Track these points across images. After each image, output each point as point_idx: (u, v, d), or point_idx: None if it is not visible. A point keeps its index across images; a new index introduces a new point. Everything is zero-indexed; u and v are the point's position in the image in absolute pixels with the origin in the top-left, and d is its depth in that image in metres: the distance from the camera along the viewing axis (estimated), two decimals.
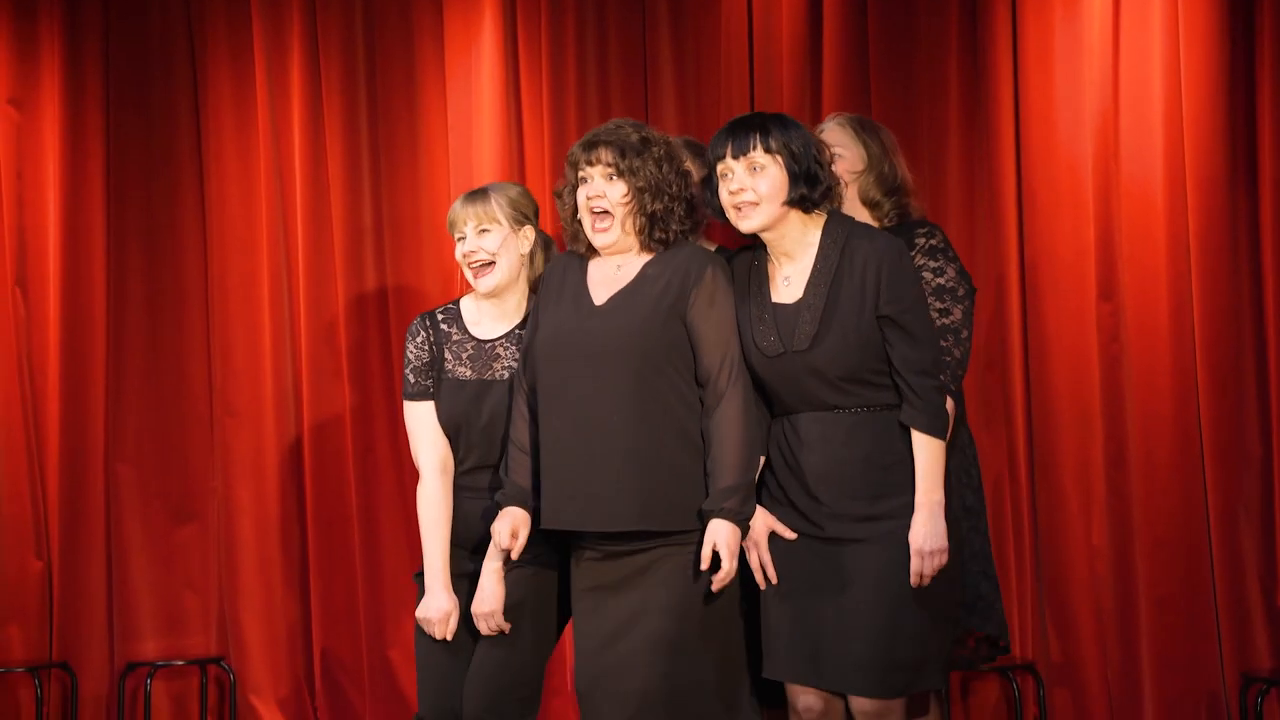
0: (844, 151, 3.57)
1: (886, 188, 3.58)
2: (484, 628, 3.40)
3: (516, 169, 5.03)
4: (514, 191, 3.58)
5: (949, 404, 3.35)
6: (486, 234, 3.51)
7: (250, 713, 5.06)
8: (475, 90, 5.08)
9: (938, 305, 3.42)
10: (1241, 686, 4.42)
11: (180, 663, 5.04)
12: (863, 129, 3.63)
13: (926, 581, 3.16)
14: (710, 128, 4.94)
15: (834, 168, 3.39)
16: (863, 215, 3.58)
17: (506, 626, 3.40)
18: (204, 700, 5.10)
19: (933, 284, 3.43)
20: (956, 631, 3.33)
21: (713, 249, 3.58)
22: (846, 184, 3.55)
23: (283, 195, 5.17)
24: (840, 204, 3.37)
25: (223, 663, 5.10)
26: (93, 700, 5.09)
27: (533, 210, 3.57)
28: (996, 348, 4.76)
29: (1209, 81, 4.54)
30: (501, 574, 3.40)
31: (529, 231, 3.55)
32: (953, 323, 3.42)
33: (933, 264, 3.45)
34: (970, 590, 3.53)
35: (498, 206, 3.52)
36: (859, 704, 3.20)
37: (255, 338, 5.17)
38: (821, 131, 3.67)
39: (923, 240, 3.48)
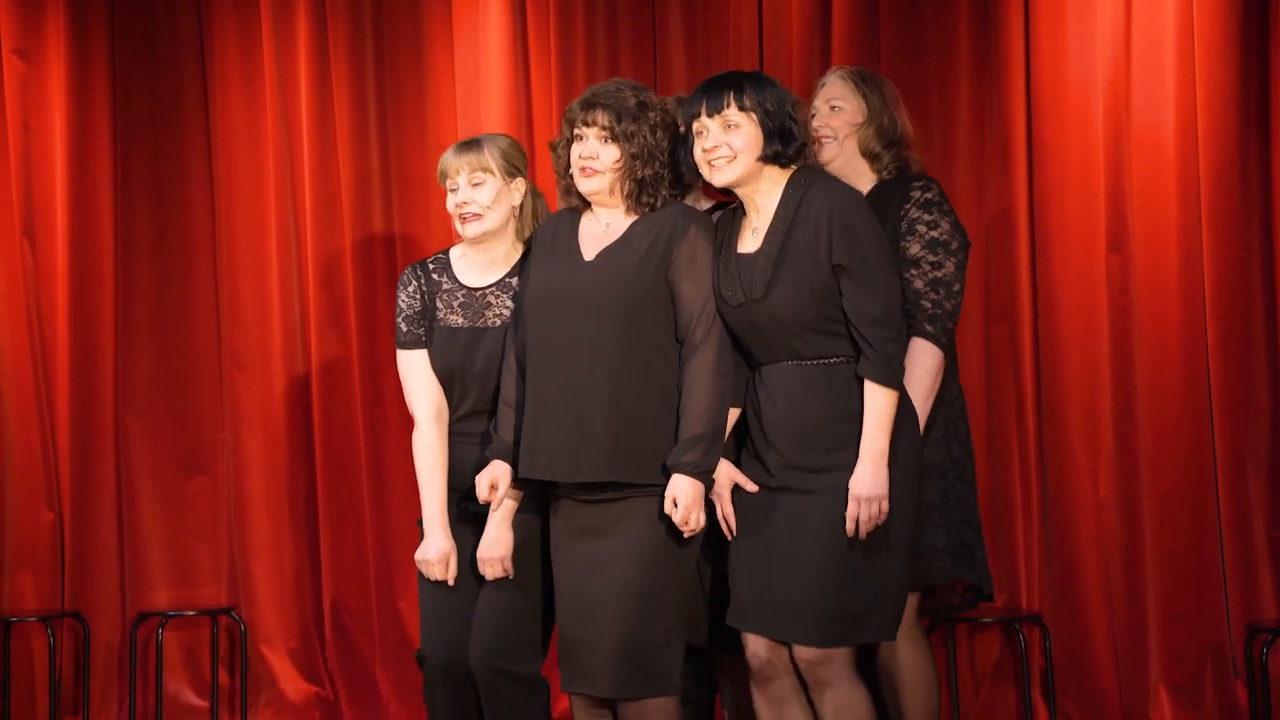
0: (844, 104, 3.59)
1: (886, 140, 3.59)
2: (489, 573, 3.45)
3: (524, 121, 5.02)
4: (505, 142, 3.60)
5: (938, 355, 3.39)
6: (480, 186, 3.53)
7: (261, 662, 5.10)
8: (483, 41, 5.06)
9: (930, 258, 3.44)
10: (1247, 637, 4.43)
11: (191, 613, 5.08)
12: (864, 82, 3.64)
13: (866, 528, 3.19)
14: (720, 69, 4.93)
15: (833, 120, 3.43)
16: (863, 167, 3.60)
17: (511, 571, 3.45)
18: (215, 650, 5.14)
19: (926, 237, 3.45)
20: (908, 586, 3.35)
21: (708, 206, 3.59)
22: (846, 136, 3.58)
23: (289, 147, 5.16)
24: (816, 159, 3.41)
25: (233, 613, 5.13)
26: (105, 649, 5.13)
27: (523, 161, 3.60)
28: (1005, 300, 4.75)
29: (1221, 31, 4.49)
30: (509, 520, 3.45)
31: (520, 183, 3.58)
32: (945, 275, 3.45)
33: (927, 217, 3.47)
34: (954, 539, 3.56)
35: (491, 157, 3.54)
36: (799, 652, 3.25)
37: (263, 290, 5.17)
38: (823, 85, 3.68)
39: (918, 194, 3.50)
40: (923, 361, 3.44)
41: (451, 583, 3.51)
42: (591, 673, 3.30)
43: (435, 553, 3.51)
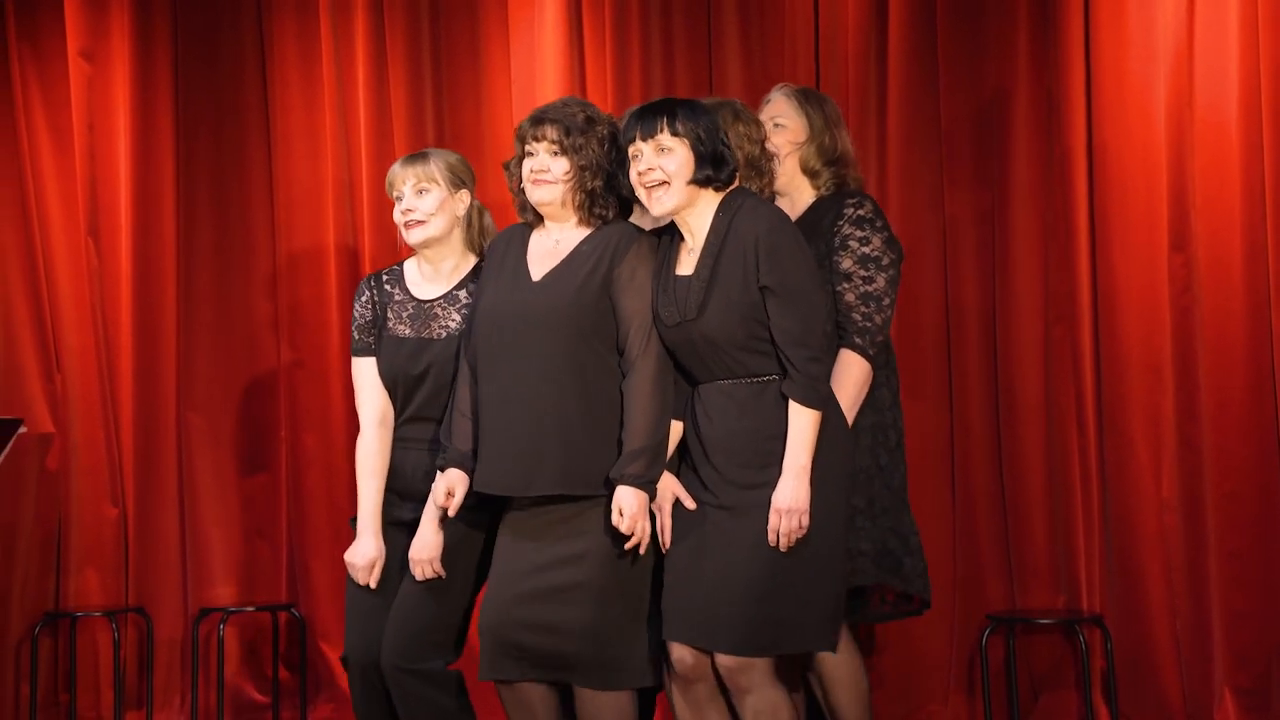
0: (786, 122, 3.71)
1: (826, 158, 3.70)
2: (419, 573, 3.56)
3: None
4: (453, 158, 3.75)
5: (865, 366, 3.52)
6: (425, 194, 3.68)
7: (320, 658, 5.14)
8: (538, 44, 5.10)
9: (861, 273, 3.55)
10: None
11: (251, 609, 5.13)
12: (806, 100, 3.75)
13: (785, 541, 3.28)
14: (775, 78, 4.94)
15: (775, 138, 3.57)
16: (803, 184, 3.71)
17: (443, 572, 3.56)
18: (275, 646, 5.19)
19: (858, 252, 3.56)
20: (842, 598, 3.43)
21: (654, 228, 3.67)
22: (787, 154, 3.68)
23: (347, 147, 5.20)
24: (770, 174, 3.51)
25: (293, 609, 5.18)
26: (168, 644, 5.19)
27: (470, 177, 3.74)
28: (1064, 301, 4.71)
29: None
30: (440, 523, 3.56)
31: (465, 195, 3.71)
32: (875, 290, 3.56)
33: (859, 233, 3.57)
34: (878, 545, 3.64)
35: (436, 168, 3.69)
36: (720, 660, 3.34)
37: (321, 289, 5.21)
38: (768, 102, 3.78)
39: (851, 210, 3.60)
40: (849, 372, 3.55)
41: (375, 586, 3.63)
42: (544, 663, 3.39)
43: (362, 558, 3.65)
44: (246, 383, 5.27)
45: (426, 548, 3.55)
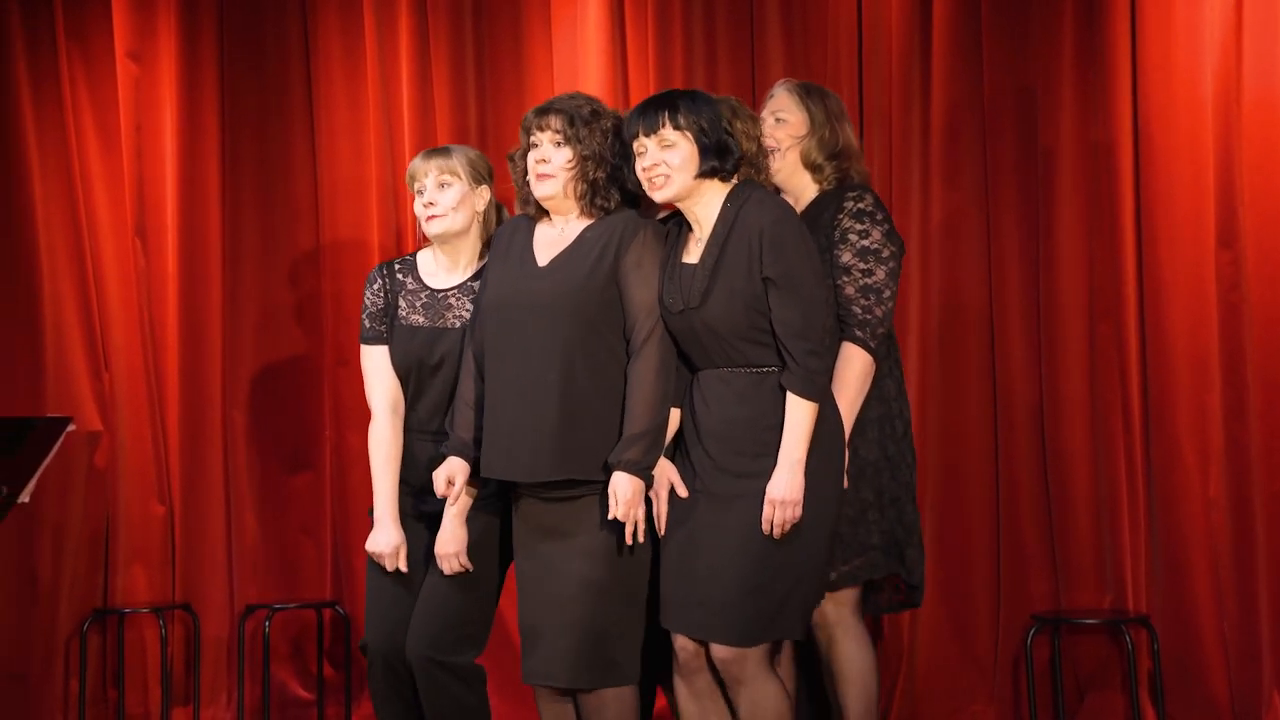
0: (788, 116, 3.72)
1: (828, 152, 3.71)
2: (447, 567, 3.57)
3: (621, 98, 5.02)
4: (473, 153, 3.75)
5: (866, 359, 3.54)
6: (446, 187, 3.67)
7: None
8: (581, 41, 5.11)
9: (861, 266, 3.56)
10: None
11: (296, 606, 5.16)
12: (808, 95, 3.76)
13: (779, 530, 3.29)
14: (817, 75, 4.93)
15: (777, 132, 3.58)
16: (805, 178, 3.72)
17: (470, 565, 3.57)
18: (320, 642, 5.22)
19: (858, 245, 3.58)
20: (821, 589, 3.46)
21: (662, 216, 3.66)
22: (789, 147, 3.70)
23: (391, 144, 5.22)
24: (766, 172, 3.53)
25: (337, 606, 5.21)
26: (214, 641, 5.23)
27: (490, 174, 3.74)
28: (1110, 298, 4.68)
29: None
30: (463, 516, 3.57)
31: (485, 191, 3.72)
32: (875, 283, 3.57)
33: (859, 226, 3.58)
34: (886, 536, 3.66)
35: (458, 162, 3.69)
36: (715, 650, 3.36)
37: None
38: (771, 97, 3.79)
39: (851, 203, 3.62)
40: (851, 365, 3.56)
41: (405, 570, 3.64)
42: (550, 665, 3.42)
43: (387, 544, 3.64)
44: (291, 381, 5.30)
45: (452, 541, 3.56)
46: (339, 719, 5.17)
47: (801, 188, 3.72)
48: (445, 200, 3.66)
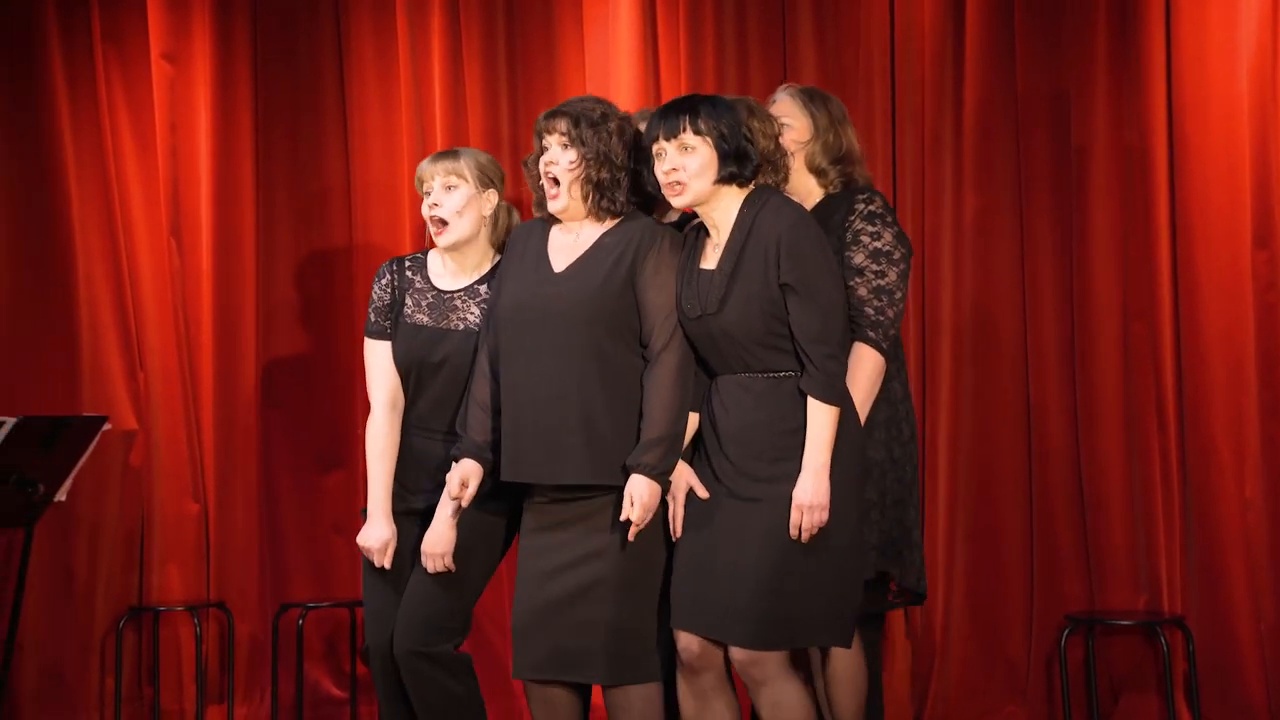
0: (791, 121, 3.73)
1: (832, 156, 3.73)
2: (431, 566, 3.59)
3: (652, 98, 5.02)
4: (483, 157, 3.76)
5: (878, 360, 3.55)
6: (452, 190, 3.69)
7: None
8: (613, 41, 5.10)
9: (874, 267, 3.58)
10: None
11: (329, 605, 5.18)
12: (811, 100, 3.77)
13: (807, 534, 3.30)
14: (849, 76, 4.92)
15: (781, 137, 3.58)
16: (810, 183, 3.73)
17: (453, 567, 3.59)
18: (353, 641, 5.24)
19: (870, 247, 3.60)
20: (857, 592, 3.46)
21: (675, 219, 3.68)
22: (793, 152, 3.70)
23: (423, 145, 5.22)
24: (785, 170, 3.54)
25: None
26: (249, 639, 5.26)
27: (499, 177, 3.75)
28: (1144, 297, 4.66)
29: None
30: (455, 519, 3.59)
31: (492, 195, 3.73)
32: (887, 284, 3.59)
33: (870, 228, 3.60)
34: (884, 535, 3.68)
35: (466, 165, 3.70)
36: (734, 653, 3.36)
37: None
38: (773, 102, 3.79)
39: (861, 205, 3.64)
40: (863, 365, 3.57)
41: (389, 567, 3.66)
42: (572, 661, 3.44)
43: (376, 540, 3.66)
44: (324, 380, 5.32)
45: (440, 542, 3.58)
46: (371, 717, 5.18)
47: (806, 192, 3.74)
48: (450, 203, 3.67)
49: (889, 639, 4.86)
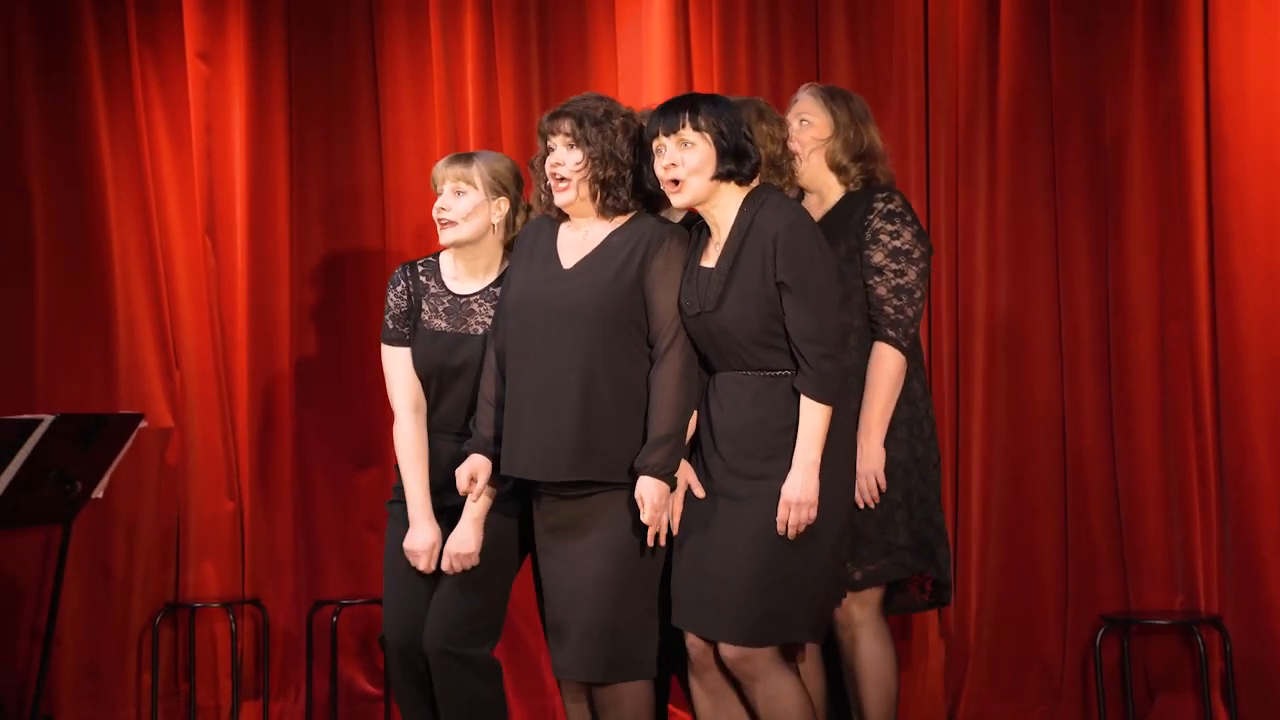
0: (812, 118, 3.75)
1: (853, 154, 3.75)
2: (456, 566, 3.62)
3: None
4: (500, 165, 3.77)
5: (899, 359, 3.58)
6: (461, 195, 3.72)
7: None
8: (645, 41, 5.13)
9: (893, 266, 3.60)
10: None
11: (363, 601, 5.20)
12: (832, 98, 3.79)
13: (794, 531, 3.30)
14: (882, 73, 4.91)
15: (802, 135, 3.63)
16: (830, 180, 3.75)
17: (475, 564, 3.62)
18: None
19: (889, 246, 3.62)
20: (834, 592, 3.49)
21: (681, 218, 3.70)
22: (813, 150, 3.73)
23: (456, 145, 5.23)
24: (791, 175, 3.57)
25: None
26: (284, 636, 5.28)
27: (513, 183, 3.76)
28: (1181, 296, 4.64)
29: None
30: (481, 520, 3.62)
31: (503, 203, 3.75)
32: (906, 283, 3.61)
33: (890, 227, 3.62)
34: (916, 536, 3.67)
35: (478, 172, 3.73)
36: (723, 650, 3.39)
37: None
38: (795, 101, 3.82)
39: (881, 205, 3.66)
40: (885, 364, 3.60)
41: (432, 570, 3.68)
42: (569, 659, 3.48)
43: (422, 543, 3.69)
44: (359, 378, 5.34)
45: (467, 544, 3.61)
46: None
47: (827, 189, 3.76)
48: (458, 207, 3.70)
49: (920, 639, 4.85)
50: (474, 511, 3.61)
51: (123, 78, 5.35)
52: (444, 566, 3.63)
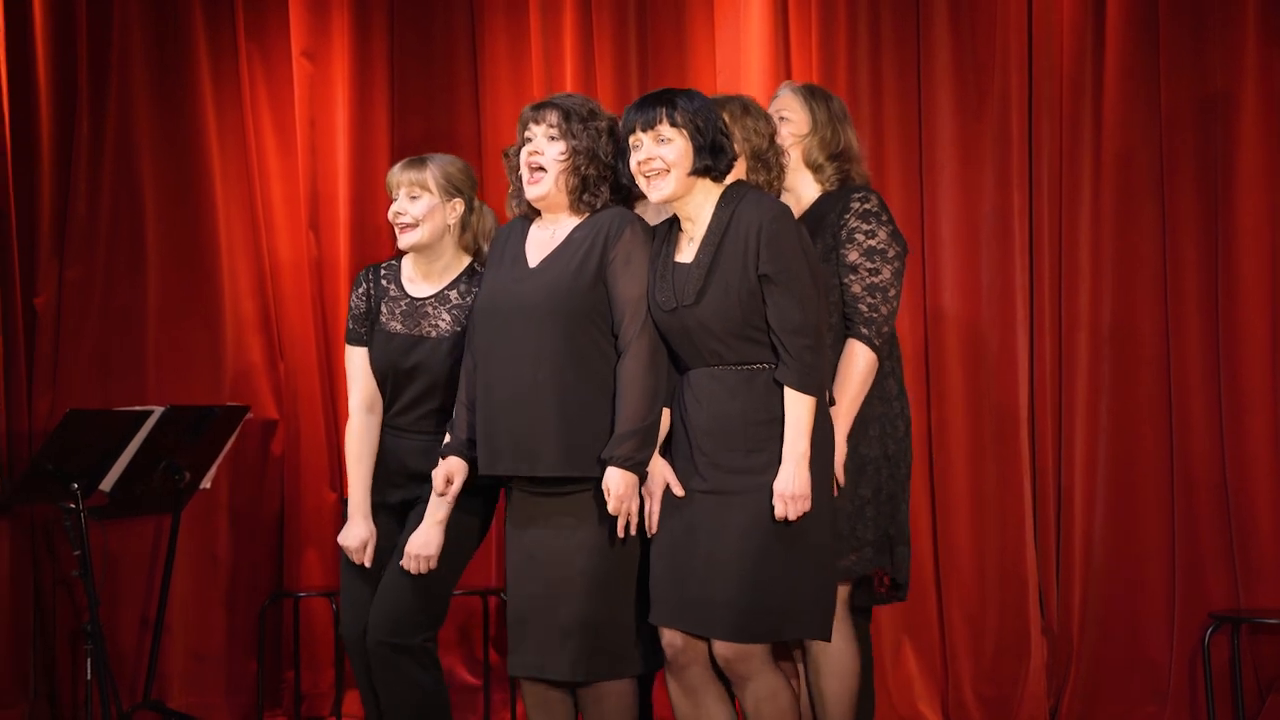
0: (791, 115, 3.74)
1: (829, 152, 3.73)
2: (413, 568, 3.62)
3: None
4: (452, 167, 3.79)
5: (870, 357, 3.56)
6: (416, 200, 3.74)
7: None
8: (744, 38, 5.15)
9: (868, 265, 3.59)
10: None
11: (461, 593, 5.22)
12: (811, 96, 3.78)
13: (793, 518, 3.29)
14: (984, 65, 4.86)
15: (780, 131, 3.60)
16: (806, 177, 3.73)
17: (434, 567, 3.63)
18: (486, 629, 5.30)
19: (864, 245, 3.60)
20: (834, 585, 3.45)
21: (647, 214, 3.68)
22: (790, 145, 3.71)
23: None
24: (779, 170, 3.55)
25: (502, 594, 5.24)
26: None
27: (467, 184, 3.79)
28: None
29: None
30: (444, 523, 3.63)
31: (458, 204, 3.78)
32: (880, 281, 3.60)
33: (865, 226, 3.61)
34: (880, 532, 3.65)
35: (431, 177, 3.75)
36: (718, 648, 3.35)
37: None
38: (775, 98, 3.80)
39: (857, 204, 3.64)
40: (855, 362, 3.58)
41: (369, 565, 3.72)
42: (547, 658, 3.45)
43: (355, 539, 3.74)
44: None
45: (429, 545, 3.62)
46: (504, 704, 5.24)
47: (803, 187, 3.75)
48: (413, 211, 3.73)
49: (1020, 636, 4.81)
50: (438, 513, 3.63)
51: (230, 76, 5.44)
52: (405, 565, 3.63)
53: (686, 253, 3.44)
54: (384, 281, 3.83)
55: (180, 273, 5.38)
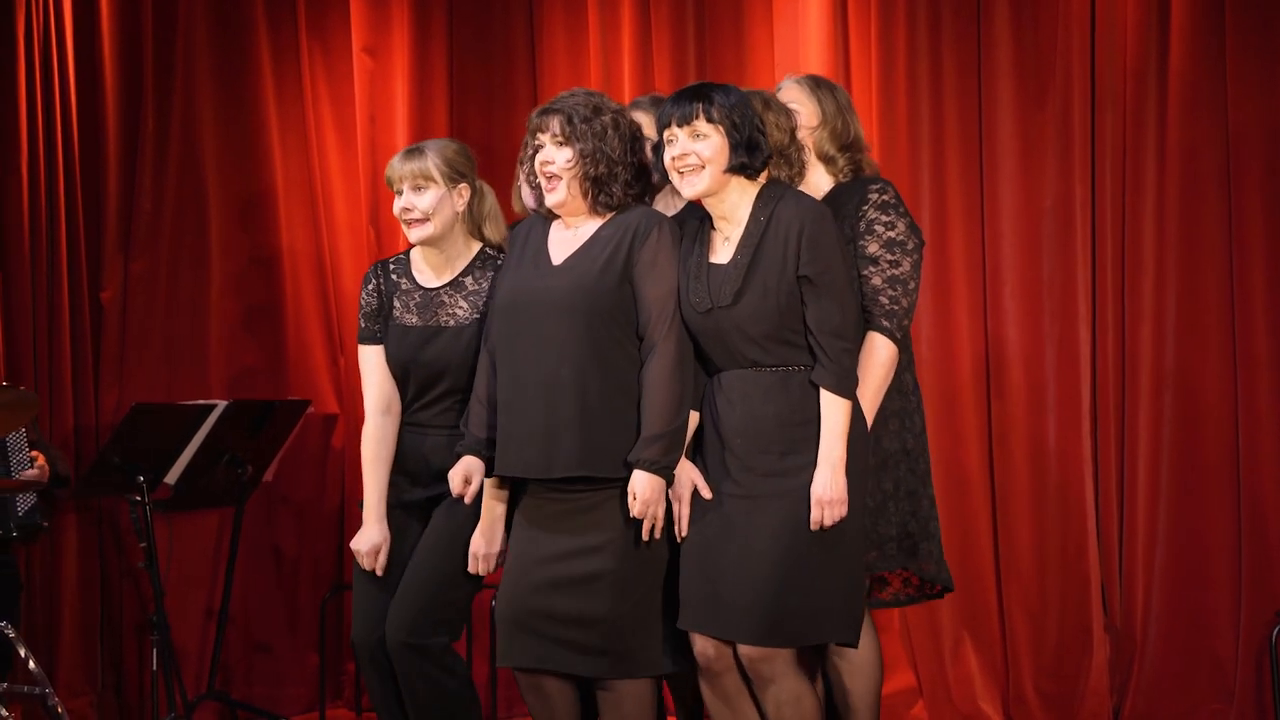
0: (798, 107, 3.68)
1: (840, 144, 3.68)
2: (482, 568, 3.57)
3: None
4: (450, 150, 3.73)
5: (892, 349, 3.49)
6: (422, 191, 3.68)
7: None
8: (802, 33, 5.12)
9: (888, 257, 3.54)
10: None
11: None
12: (818, 87, 3.73)
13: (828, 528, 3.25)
14: (1046, 62, 4.82)
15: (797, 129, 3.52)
16: (819, 169, 3.68)
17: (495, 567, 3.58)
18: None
19: (884, 237, 3.55)
20: (860, 589, 3.41)
21: (680, 209, 3.65)
22: (802, 139, 3.62)
23: None
24: (799, 165, 3.50)
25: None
26: None
27: (469, 168, 3.73)
28: None
29: None
30: (502, 519, 3.56)
31: (464, 189, 3.71)
32: (901, 273, 3.55)
33: (884, 218, 3.55)
34: (901, 529, 3.60)
35: (433, 165, 3.68)
36: (743, 650, 3.31)
37: None
38: (779, 89, 3.74)
39: (875, 195, 3.58)
40: (877, 354, 3.51)
41: (379, 572, 3.66)
42: (560, 654, 3.40)
43: (367, 544, 3.68)
44: None
45: (495, 541, 3.56)
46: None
47: (816, 180, 3.69)
48: (421, 204, 3.67)
49: (1083, 633, 4.78)
50: (495, 511, 3.57)
51: (292, 73, 5.49)
52: (469, 568, 3.58)
53: (722, 253, 3.39)
54: (394, 276, 3.77)
55: (242, 268, 5.44)
